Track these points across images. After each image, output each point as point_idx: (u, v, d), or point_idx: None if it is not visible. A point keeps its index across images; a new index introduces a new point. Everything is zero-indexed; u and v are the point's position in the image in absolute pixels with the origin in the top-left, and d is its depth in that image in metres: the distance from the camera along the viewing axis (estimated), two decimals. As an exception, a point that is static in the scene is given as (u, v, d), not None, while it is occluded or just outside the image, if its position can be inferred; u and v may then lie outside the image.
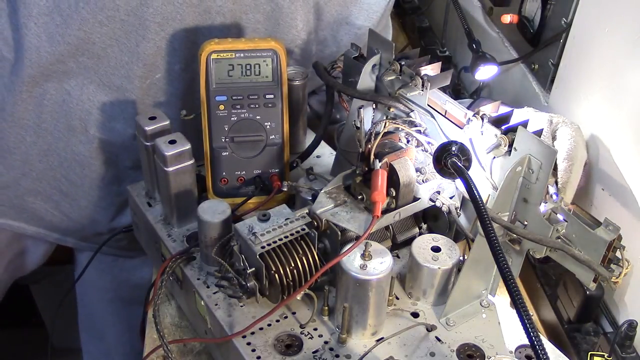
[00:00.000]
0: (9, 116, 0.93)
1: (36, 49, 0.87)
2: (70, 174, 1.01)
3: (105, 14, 0.86)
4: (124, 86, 0.94)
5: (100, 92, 0.94)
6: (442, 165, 0.68)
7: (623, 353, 0.73)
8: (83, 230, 1.09)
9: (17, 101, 0.92)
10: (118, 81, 0.93)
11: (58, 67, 0.90)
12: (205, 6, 0.90)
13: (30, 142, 0.97)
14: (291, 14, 0.96)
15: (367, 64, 0.81)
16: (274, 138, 0.87)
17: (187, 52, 0.93)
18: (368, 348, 0.70)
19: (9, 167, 0.99)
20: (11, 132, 0.95)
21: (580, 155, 0.79)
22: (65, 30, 0.86)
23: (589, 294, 0.79)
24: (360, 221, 0.73)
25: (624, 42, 0.79)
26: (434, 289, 0.74)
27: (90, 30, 0.87)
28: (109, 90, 0.94)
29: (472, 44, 1.07)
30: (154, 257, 0.92)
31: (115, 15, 0.87)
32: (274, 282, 0.71)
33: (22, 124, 0.95)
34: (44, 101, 0.93)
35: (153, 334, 0.79)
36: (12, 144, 0.96)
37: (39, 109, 0.94)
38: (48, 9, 0.84)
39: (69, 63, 0.90)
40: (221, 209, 0.77)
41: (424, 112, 0.77)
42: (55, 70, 0.90)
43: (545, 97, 0.98)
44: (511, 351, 0.71)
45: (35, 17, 0.85)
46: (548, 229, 0.64)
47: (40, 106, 0.93)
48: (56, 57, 0.88)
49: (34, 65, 0.88)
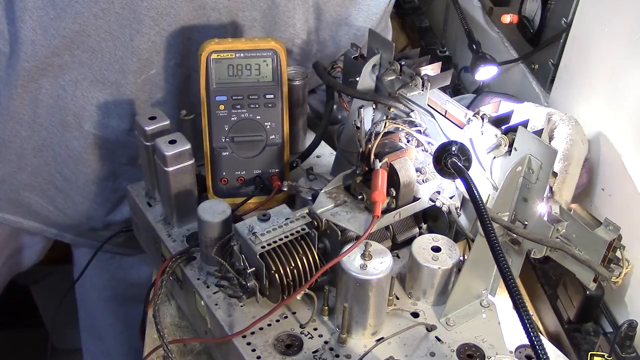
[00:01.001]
0: (4, 110, 0.93)
1: (31, 42, 0.87)
2: (65, 169, 1.01)
3: (100, 6, 0.86)
4: (119, 81, 0.94)
5: (94, 88, 0.94)
6: (442, 165, 0.68)
7: (623, 353, 0.73)
8: (79, 226, 1.09)
9: (12, 95, 0.92)
10: (112, 76, 0.93)
11: (53, 61, 0.90)
12: (200, 2, 0.90)
13: (26, 137, 0.97)
14: (288, 12, 0.96)
15: (367, 64, 0.81)
16: (274, 138, 0.87)
17: (182, 47, 0.93)
18: (368, 348, 0.70)
19: (4, 161, 0.99)
20: (6, 126, 0.95)
21: (577, 154, 0.79)
22: (59, 24, 0.86)
23: (589, 294, 0.79)
24: (360, 221, 0.73)
25: (624, 42, 0.79)
26: (434, 289, 0.74)
27: (85, 23, 0.87)
28: (103, 86, 0.94)
29: (472, 44, 1.07)
30: (154, 257, 0.92)
31: (110, 8, 0.87)
32: (274, 282, 0.71)
33: (18, 119, 0.95)
34: (39, 96, 0.93)
35: (153, 334, 0.79)
36: (8, 138, 0.96)
37: (34, 104, 0.94)
38: (43, 2, 0.84)
39: (64, 56, 0.90)
40: (221, 209, 0.76)
41: (424, 112, 0.77)
42: (50, 64, 0.90)
43: (545, 97, 0.98)
44: (511, 351, 0.71)
45: (31, 11, 0.85)
46: (548, 229, 0.64)
47: (35, 101, 0.94)
48: (51, 50, 0.88)
49: (29, 58, 0.88)
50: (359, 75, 0.82)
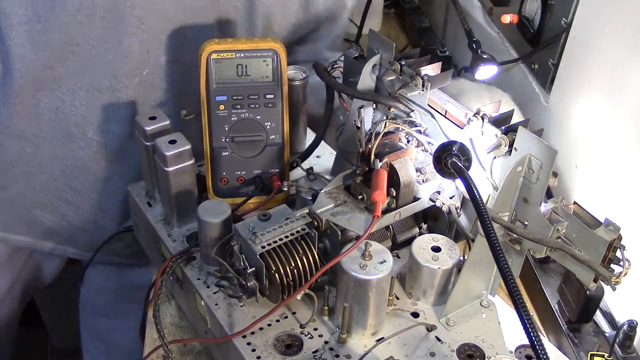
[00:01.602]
0: (6, 129, 0.93)
1: (22, 59, 0.87)
2: (74, 181, 1.01)
3: (84, 13, 0.86)
4: (114, 86, 0.93)
5: (91, 96, 0.93)
6: (442, 165, 0.68)
7: (623, 353, 0.73)
8: (93, 240, 1.07)
9: (12, 114, 0.91)
10: (106, 82, 0.93)
11: (47, 74, 0.89)
12: None
13: (31, 154, 0.97)
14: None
15: (367, 64, 0.81)
16: (274, 138, 0.87)
17: (171, 43, 0.92)
18: (368, 348, 0.70)
19: (12, 180, 0.98)
20: (11, 145, 0.95)
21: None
22: (47, 36, 0.86)
23: (589, 294, 0.79)
24: (361, 221, 0.73)
25: (624, 42, 0.79)
26: (434, 289, 0.74)
27: (71, 32, 0.87)
28: (99, 93, 0.93)
29: (472, 43, 1.07)
30: (154, 257, 0.92)
31: (94, 14, 0.86)
32: (274, 282, 0.71)
33: (21, 136, 0.94)
34: (38, 110, 0.93)
35: (153, 334, 0.79)
36: (13, 157, 0.96)
37: (35, 119, 0.93)
38: (27, 17, 0.84)
39: (57, 68, 0.89)
40: (221, 209, 0.76)
41: (424, 112, 0.77)
42: (44, 78, 0.90)
43: (545, 97, 0.98)
44: (511, 351, 0.71)
45: (16, 27, 0.85)
46: (548, 229, 0.64)
47: (36, 116, 0.93)
48: (43, 63, 0.88)
49: (22, 75, 0.88)
50: (359, 75, 0.82)
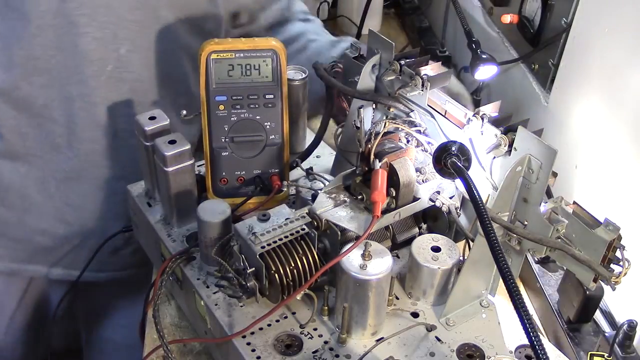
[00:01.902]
0: None
1: None
2: (70, 195, 1.00)
3: (35, 24, 0.85)
4: (83, 92, 0.92)
5: (66, 106, 0.93)
6: (442, 165, 0.68)
7: (623, 353, 0.73)
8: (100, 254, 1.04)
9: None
10: (76, 89, 0.92)
11: (18, 94, 0.89)
12: None
13: (24, 173, 0.96)
14: None
15: (367, 64, 0.81)
16: (274, 138, 0.87)
17: (127, 32, 0.91)
18: (368, 348, 0.70)
19: (10, 206, 0.97)
20: (4, 169, 0.94)
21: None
22: (9, 53, 0.86)
23: (589, 294, 0.79)
24: (360, 221, 0.73)
25: (624, 42, 0.79)
26: (434, 289, 0.74)
27: (28, 46, 0.86)
28: (72, 102, 0.93)
29: (472, 43, 1.07)
30: (154, 257, 0.92)
31: (43, 23, 0.86)
32: (274, 282, 0.71)
33: (12, 157, 0.94)
34: (22, 129, 0.92)
35: (153, 334, 0.79)
36: (8, 181, 0.96)
37: (21, 138, 0.93)
38: None
39: (24, 87, 0.89)
40: (221, 209, 0.76)
41: (424, 112, 0.77)
42: (17, 97, 0.89)
43: (545, 97, 0.98)
44: (511, 351, 0.71)
45: None
46: (548, 229, 0.64)
47: (21, 135, 0.93)
48: (12, 83, 0.88)
49: None
50: (359, 75, 0.82)
